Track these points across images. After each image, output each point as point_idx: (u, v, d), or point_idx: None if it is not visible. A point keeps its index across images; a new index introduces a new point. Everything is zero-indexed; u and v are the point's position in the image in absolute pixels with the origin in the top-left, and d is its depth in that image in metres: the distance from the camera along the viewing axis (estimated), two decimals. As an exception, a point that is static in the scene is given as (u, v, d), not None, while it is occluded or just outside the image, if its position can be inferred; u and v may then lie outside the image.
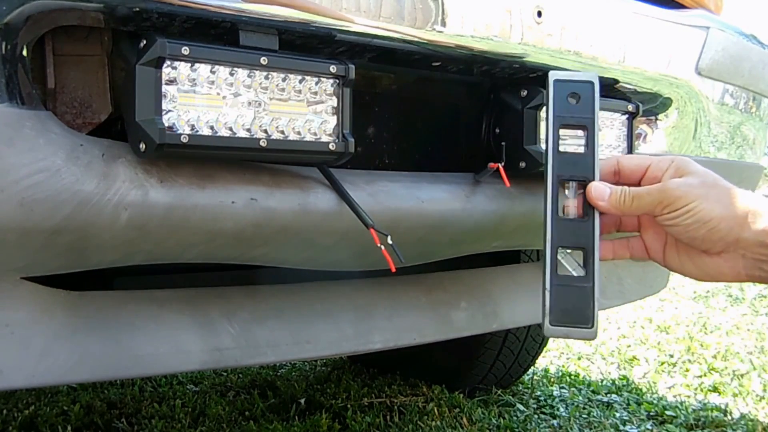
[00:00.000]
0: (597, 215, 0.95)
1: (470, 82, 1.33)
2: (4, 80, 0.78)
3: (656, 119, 1.47)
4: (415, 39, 1.04)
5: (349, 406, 2.19)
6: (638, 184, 0.97)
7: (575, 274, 0.94)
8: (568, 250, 0.94)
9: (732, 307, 4.34)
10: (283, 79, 0.94)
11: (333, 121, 0.98)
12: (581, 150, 0.96)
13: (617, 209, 0.95)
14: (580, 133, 0.96)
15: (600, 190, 0.95)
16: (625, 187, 0.95)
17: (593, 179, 0.95)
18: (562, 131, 0.96)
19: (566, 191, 0.95)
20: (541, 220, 0.95)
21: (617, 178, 0.99)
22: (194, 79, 0.87)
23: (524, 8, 1.13)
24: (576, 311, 0.93)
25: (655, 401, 2.35)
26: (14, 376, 0.90)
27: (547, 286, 0.94)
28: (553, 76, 0.97)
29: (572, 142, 0.97)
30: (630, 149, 1.33)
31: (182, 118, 0.87)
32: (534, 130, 1.22)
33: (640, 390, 2.50)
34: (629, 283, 1.63)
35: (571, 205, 0.95)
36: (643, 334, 3.52)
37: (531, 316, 1.54)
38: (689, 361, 2.96)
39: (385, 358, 2.55)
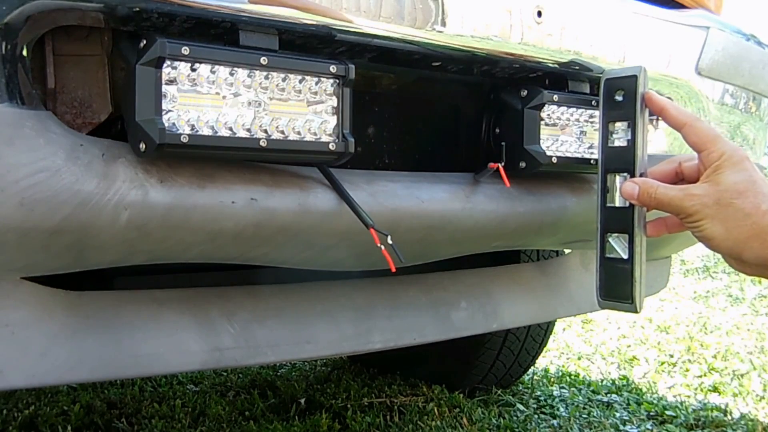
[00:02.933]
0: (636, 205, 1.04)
1: (470, 82, 1.33)
2: (4, 80, 0.78)
3: (657, 119, 1.47)
4: (415, 39, 1.04)
5: (349, 406, 2.19)
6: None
7: (624, 256, 1.03)
8: (616, 235, 1.04)
9: (732, 307, 4.34)
10: (283, 79, 0.94)
11: (333, 121, 0.98)
12: (626, 144, 1.03)
13: (648, 206, 1.01)
14: (626, 126, 1.03)
15: (629, 190, 1.01)
16: (653, 188, 1.00)
17: (633, 173, 1.02)
18: (611, 126, 1.04)
19: (616, 182, 1.04)
20: (542, 220, 0.98)
21: (681, 176, 1.03)
22: (194, 79, 0.87)
23: (524, 8, 1.13)
24: (619, 288, 1.04)
25: (655, 401, 2.35)
26: (14, 376, 0.90)
27: (597, 266, 1.06)
28: (605, 75, 1.04)
29: (621, 135, 1.04)
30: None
31: (182, 118, 0.87)
32: (534, 129, 1.22)
33: (640, 390, 2.50)
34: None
35: (617, 195, 1.05)
36: (643, 334, 3.52)
37: (531, 316, 1.54)
38: (689, 361, 2.96)
39: (385, 358, 2.55)
